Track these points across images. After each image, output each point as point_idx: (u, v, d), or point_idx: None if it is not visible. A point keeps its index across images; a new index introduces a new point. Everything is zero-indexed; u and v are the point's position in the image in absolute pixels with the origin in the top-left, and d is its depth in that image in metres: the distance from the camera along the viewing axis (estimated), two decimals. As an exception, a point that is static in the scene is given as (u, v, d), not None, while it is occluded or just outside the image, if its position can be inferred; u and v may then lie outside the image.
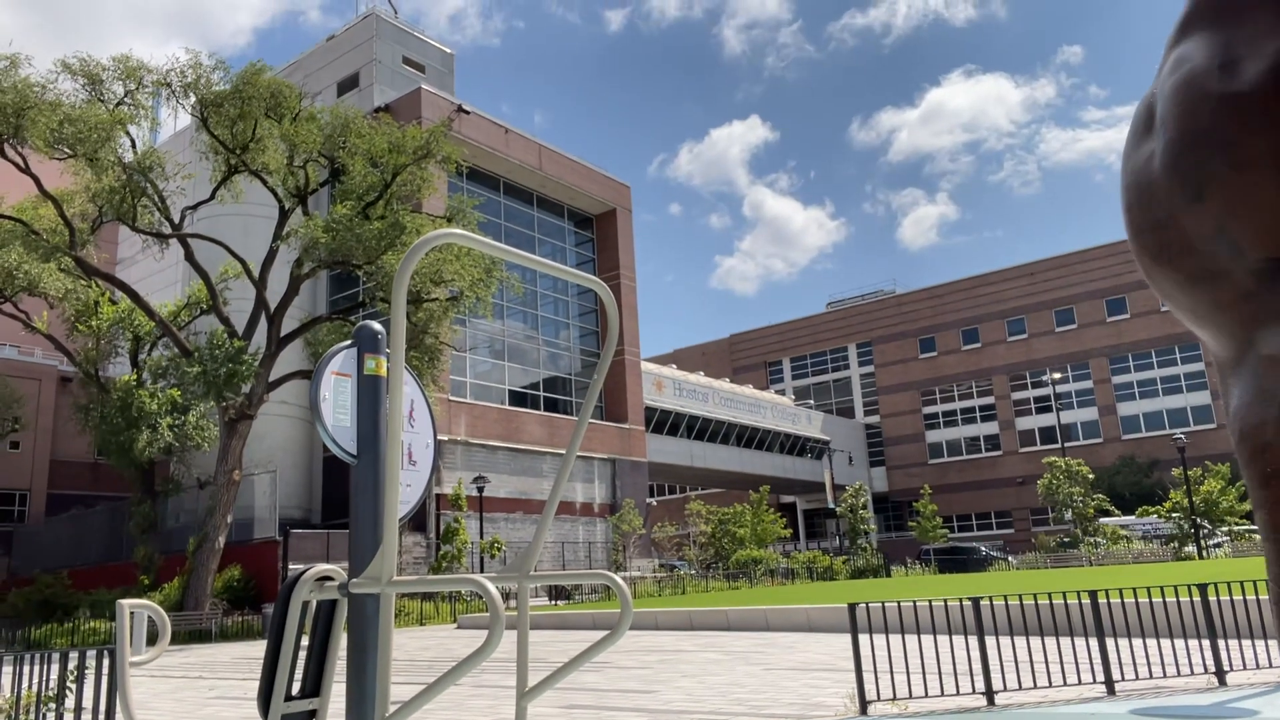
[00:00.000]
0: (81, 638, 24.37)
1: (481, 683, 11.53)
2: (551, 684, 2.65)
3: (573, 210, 50.48)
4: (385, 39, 46.89)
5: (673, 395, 57.78)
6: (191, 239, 28.93)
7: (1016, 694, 8.32)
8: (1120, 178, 0.73)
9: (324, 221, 27.35)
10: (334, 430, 3.05)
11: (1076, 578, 24.30)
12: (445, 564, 34.29)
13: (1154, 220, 0.62)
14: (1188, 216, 0.59)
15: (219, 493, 27.74)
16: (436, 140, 29.19)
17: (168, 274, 43.86)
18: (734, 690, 10.03)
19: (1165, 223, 0.61)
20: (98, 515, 40.76)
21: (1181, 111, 0.60)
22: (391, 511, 2.34)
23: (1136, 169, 0.67)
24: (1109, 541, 45.61)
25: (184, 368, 27.28)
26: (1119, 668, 8.48)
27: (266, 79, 26.82)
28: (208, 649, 22.29)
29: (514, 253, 2.55)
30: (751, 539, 45.67)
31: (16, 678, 7.02)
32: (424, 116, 39.54)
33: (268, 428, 36.47)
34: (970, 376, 78.72)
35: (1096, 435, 72.57)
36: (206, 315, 32.29)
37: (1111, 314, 72.90)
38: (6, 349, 46.89)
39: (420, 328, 28.36)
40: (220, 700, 11.93)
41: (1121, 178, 0.72)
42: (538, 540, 2.78)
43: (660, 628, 19.73)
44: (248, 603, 29.27)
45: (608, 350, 2.71)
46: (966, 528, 74.72)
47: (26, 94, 25.12)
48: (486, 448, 40.64)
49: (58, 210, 27.64)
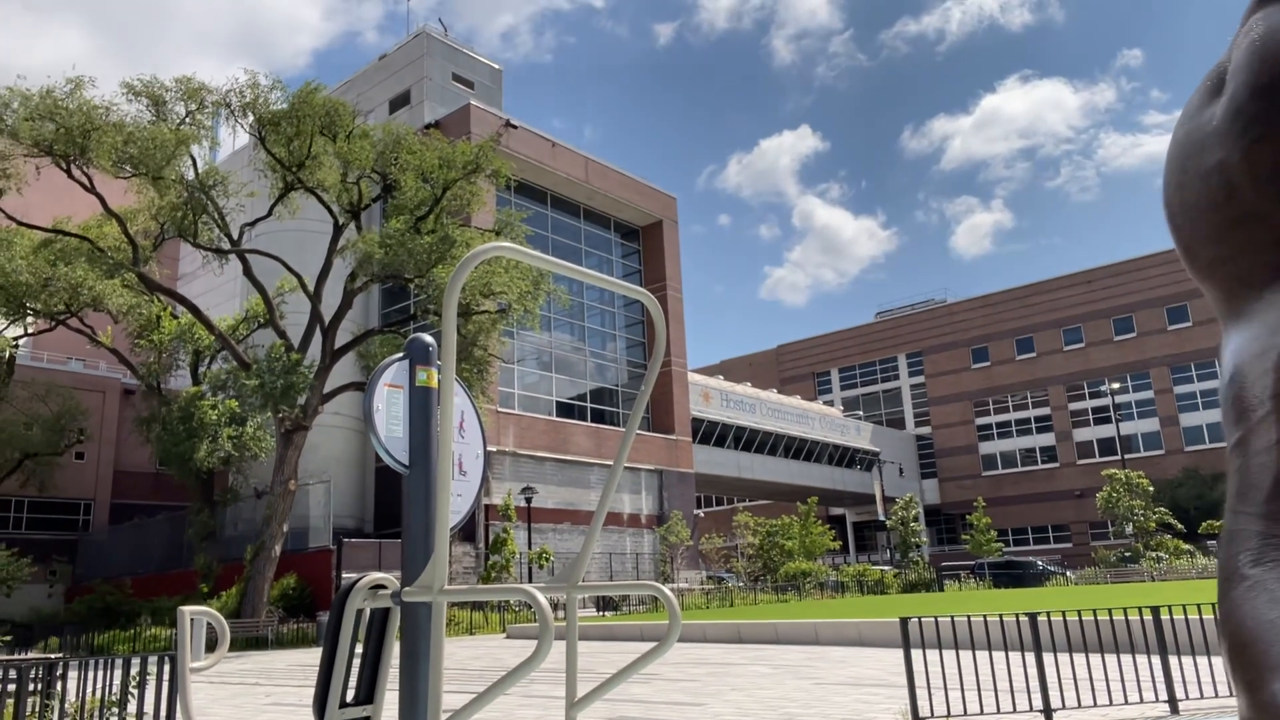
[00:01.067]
0: (143, 644, 24.98)
1: (531, 692, 11.58)
2: (600, 695, 2.66)
3: (619, 222, 50.70)
4: (435, 56, 47.70)
5: (720, 406, 57.57)
6: (250, 255, 29.65)
7: (1075, 713, 8.11)
8: (1170, 148, 0.72)
9: (378, 236, 27.86)
10: (387, 441, 3.10)
11: (1138, 593, 23.63)
12: (494, 574, 34.54)
13: (1203, 168, 0.62)
14: (1246, 157, 0.59)
15: (275, 502, 28.30)
16: (485, 155, 29.59)
17: (226, 289, 44.98)
18: (784, 704, 9.92)
19: (1218, 167, 0.60)
20: (159, 524, 41.82)
21: (1258, 60, 0.60)
22: (443, 521, 2.37)
23: (1193, 127, 0.67)
24: (1171, 556, 44.30)
25: (242, 380, 27.92)
26: (1182, 686, 8.22)
27: (321, 98, 27.45)
28: (264, 655, 22.70)
29: (562, 265, 2.58)
30: (800, 551, 45.21)
31: (81, 682, 7.22)
32: (473, 132, 40.09)
33: (322, 438, 37.13)
34: (1025, 387, 77.14)
35: (1158, 447, 70.57)
36: (264, 329, 33.05)
37: (1173, 322, 70.94)
38: (72, 363, 48.44)
39: (470, 340, 28.68)
40: (276, 706, 12.13)
41: (1171, 145, 0.71)
42: (586, 550, 2.80)
43: (708, 640, 19.61)
44: (303, 610, 29.77)
45: (655, 361, 2.72)
46: (1022, 541, 73.10)
47: (91, 115, 26.01)
48: (534, 459, 40.88)
49: (121, 228, 28.54)
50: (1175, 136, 0.70)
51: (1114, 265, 74.70)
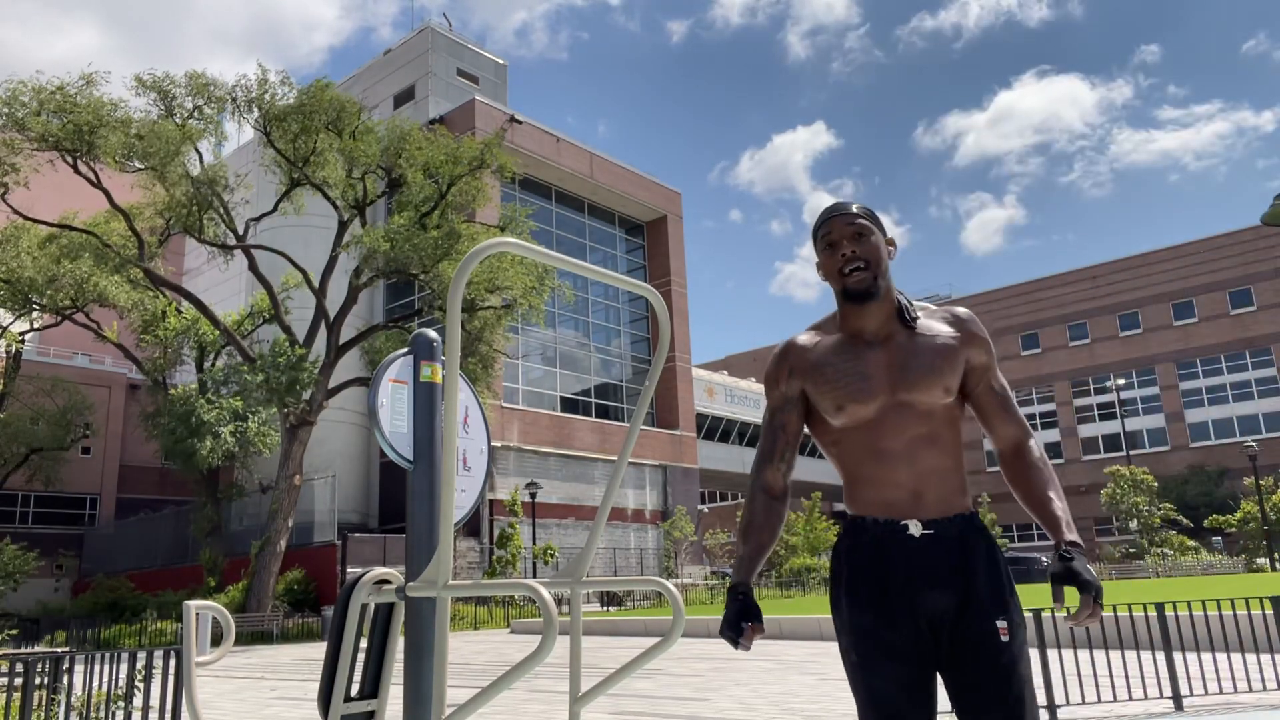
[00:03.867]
0: (149, 638, 25.06)
1: (535, 687, 11.60)
2: (604, 690, 2.66)
3: (624, 217, 50.67)
4: (440, 52, 47.67)
5: (724, 401, 57.56)
6: (255, 250, 29.70)
7: (1080, 708, 8.10)
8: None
9: (383, 232, 27.88)
10: (391, 436, 3.11)
11: (1143, 589, 23.60)
12: (499, 569, 34.60)
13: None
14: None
15: (280, 497, 28.37)
16: (492, 151, 29.58)
17: (232, 284, 45.07)
18: (788, 700, 9.94)
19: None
20: (164, 519, 41.97)
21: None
22: (447, 516, 2.37)
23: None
24: (1176, 553, 44.21)
25: (246, 375, 27.98)
26: (1187, 683, 8.21)
27: (329, 95, 27.44)
28: (269, 650, 22.78)
29: (566, 260, 2.58)
30: (804, 547, 45.22)
31: (87, 676, 7.25)
32: (477, 127, 40.08)
33: (326, 434, 37.22)
34: (1030, 382, 76.99)
35: (1163, 443, 70.40)
36: (269, 324, 33.10)
37: (1178, 318, 70.73)
38: (78, 358, 48.60)
39: (474, 335, 28.70)
40: (281, 700, 12.18)
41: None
42: (590, 546, 2.80)
43: (712, 635, 19.64)
44: (308, 605, 29.86)
45: (659, 357, 2.72)
46: (1026, 537, 72.99)
47: (100, 111, 26.05)
48: (539, 454, 40.92)
49: (128, 223, 28.59)
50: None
51: (1119, 261, 74.48)
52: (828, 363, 2.50)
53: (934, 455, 2.42)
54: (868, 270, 2.48)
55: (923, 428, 2.42)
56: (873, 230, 2.51)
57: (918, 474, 2.39)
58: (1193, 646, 9.19)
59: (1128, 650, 8.65)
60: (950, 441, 2.46)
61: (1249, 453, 40.40)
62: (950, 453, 2.45)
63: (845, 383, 2.45)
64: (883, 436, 2.41)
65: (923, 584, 2.29)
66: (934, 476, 2.40)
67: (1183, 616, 9.31)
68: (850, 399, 2.43)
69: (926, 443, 2.42)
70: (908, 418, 2.41)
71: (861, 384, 2.43)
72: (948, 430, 2.46)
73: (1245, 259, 68.50)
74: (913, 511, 2.36)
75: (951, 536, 2.34)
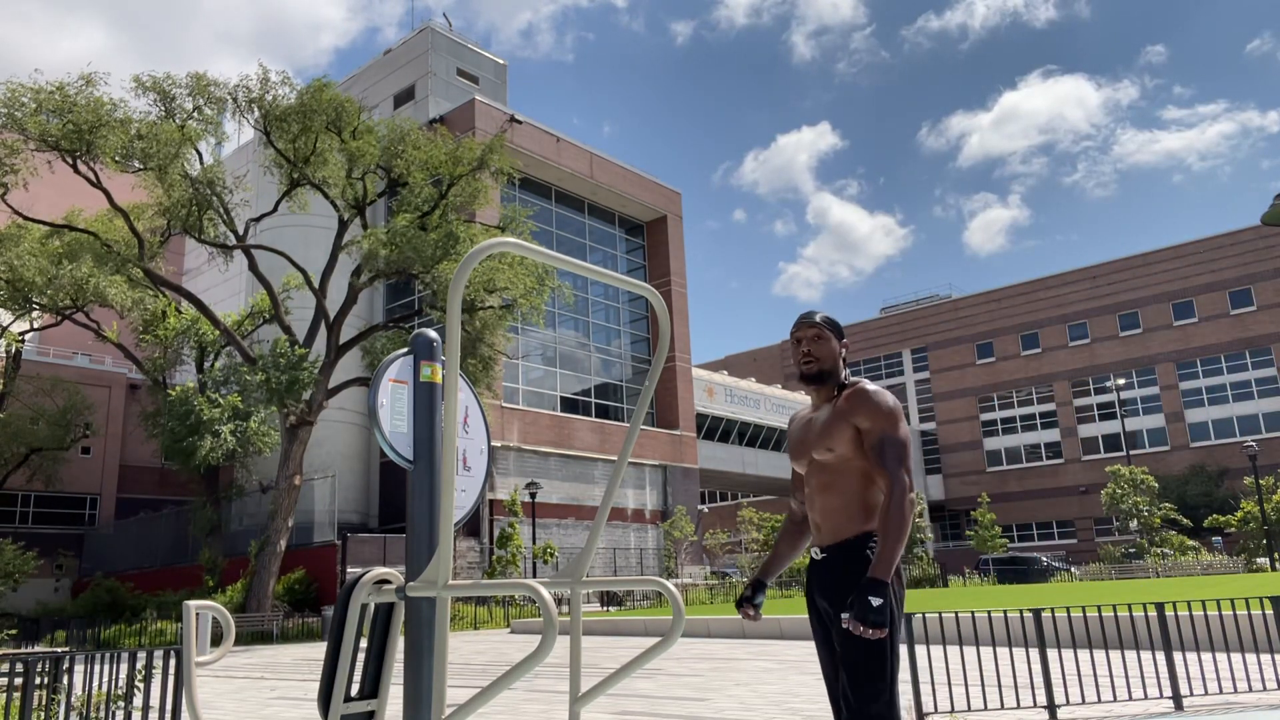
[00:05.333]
0: (149, 638, 25.06)
1: (535, 687, 11.61)
2: (604, 690, 2.66)
3: (624, 217, 50.67)
4: (440, 51, 47.66)
5: (724, 401, 57.57)
6: (255, 250, 29.69)
7: (1080, 708, 8.10)
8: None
9: (383, 232, 27.88)
10: (391, 436, 3.11)
11: (1143, 589, 23.60)
12: (499, 569, 34.59)
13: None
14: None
15: (280, 497, 28.37)
16: (493, 153, 29.59)
17: (232, 284, 45.06)
18: (788, 699, 9.93)
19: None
20: (164, 519, 41.96)
21: None
22: (447, 516, 2.37)
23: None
24: (1176, 553, 44.19)
25: (246, 375, 27.97)
26: (1187, 683, 8.21)
27: (329, 95, 27.42)
28: (269, 650, 22.78)
29: (566, 260, 2.58)
30: (805, 547, 45.24)
31: (87, 676, 7.25)
32: (477, 127, 40.08)
33: (326, 434, 37.22)
34: (1030, 382, 76.98)
35: (1163, 443, 70.40)
36: (269, 324, 33.09)
37: (1179, 318, 70.73)
38: (79, 357, 48.60)
39: (474, 335, 28.70)
40: (281, 700, 12.18)
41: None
42: (590, 546, 2.80)
43: (712, 635, 19.64)
44: (308, 605, 29.86)
45: (659, 357, 2.72)
46: (1027, 537, 73.01)
47: (100, 112, 26.03)
48: (539, 454, 40.92)
49: (128, 224, 28.58)
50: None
51: (1119, 261, 74.48)
52: (793, 431, 3.53)
53: (829, 497, 3.29)
54: (815, 363, 3.38)
55: (825, 476, 3.30)
56: (829, 337, 3.39)
57: (819, 511, 3.33)
58: (1193, 646, 9.19)
59: (1128, 650, 8.65)
60: (843, 486, 3.26)
61: (1249, 453, 40.40)
62: (842, 494, 3.26)
63: (792, 445, 3.50)
64: (808, 484, 3.39)
65: (815, 591, 3.34)
66: (829, 514, 3.29)
67: (1183, 616, 9.31)
68: (792, 457, 3.50)
69: (824, 488, 3.30)
70: (814, 469, 3.34)
71: (798, 446, 3.45)
72: (842, 478, 3.27)
73: (1245, 259, 68.51)
74: (817, 540, 3.35)
75: (835, 559, 3.27)
